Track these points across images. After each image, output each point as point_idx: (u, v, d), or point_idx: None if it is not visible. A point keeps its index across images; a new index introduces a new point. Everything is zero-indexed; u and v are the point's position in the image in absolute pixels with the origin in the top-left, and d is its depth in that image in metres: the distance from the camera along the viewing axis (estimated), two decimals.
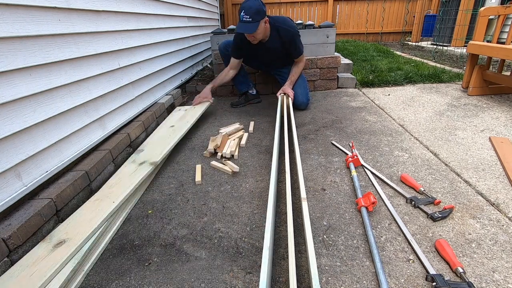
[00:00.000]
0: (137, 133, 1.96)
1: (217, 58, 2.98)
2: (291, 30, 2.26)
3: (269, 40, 2.31)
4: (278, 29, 2.26)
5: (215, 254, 1.08)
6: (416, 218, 1.19)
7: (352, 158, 1.58)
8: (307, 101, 2.52)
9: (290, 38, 2.27)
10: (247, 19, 2.04)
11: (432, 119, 2.18)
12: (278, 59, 2.52)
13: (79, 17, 1.50)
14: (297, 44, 2.33)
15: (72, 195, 1.32)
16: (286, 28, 2.26)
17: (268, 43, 2.32)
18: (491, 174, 1.46)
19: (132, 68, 2.03)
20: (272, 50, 2.36)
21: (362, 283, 0.92)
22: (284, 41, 2.29)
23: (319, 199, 1.34)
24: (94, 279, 1.01)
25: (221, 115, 2.57)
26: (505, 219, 1.16)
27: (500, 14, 2.60)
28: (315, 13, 6.88)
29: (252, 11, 2.02)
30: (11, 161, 1.10)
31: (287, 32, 2.26)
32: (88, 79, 1.55)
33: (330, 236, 1.12)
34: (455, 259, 0.95)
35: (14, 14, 1.13)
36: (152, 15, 2.39)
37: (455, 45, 4.91)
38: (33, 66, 1.20)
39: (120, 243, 1.16)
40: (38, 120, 1.21)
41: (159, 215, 1.31)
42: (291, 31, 2.26)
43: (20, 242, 1.04)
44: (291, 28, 2.27)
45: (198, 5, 3.91)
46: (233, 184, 1.52)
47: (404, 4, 6.77)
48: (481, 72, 2.61)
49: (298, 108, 2.53)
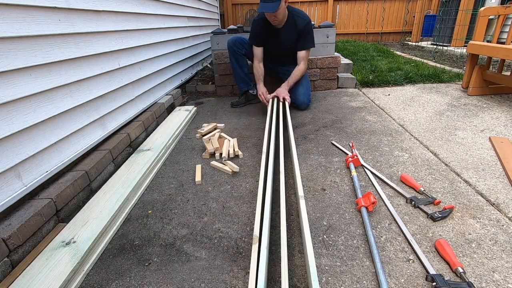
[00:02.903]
0: (137, 133, 1.96)
1: (217, 58, 2.98)
2: (306, 19, 2.33)
3: (284, 26, 2.34)
4: (294, 16, 2.32)
5: (215, 254, 1.08)
6: (416, 218, 1.19)
7: (352, 158, 1.58)
8: (308, 101, 2.52)
9: (304, 26, 2.31)
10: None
11: (432, 119, 2.18)
12: (288, 55, 2.52)
13: (79, 17, 1.50)
14: (310, 34, 2.37)
15: (72, 195, 1.32)
16: (302, 17, 2.34)
17: (283, 30, 2.36)
18: (491, 174, 1.46)
19: (132, 68, 2.03)
20: (286, 38, 2.38)
21: (362, 283, 0.92)
22: (298, 29, 2.33)
23: (319, 199, 1.34)
24: (94, 279, 1.01)
25: (221, 115, 2.57)
26: (505, 219, 1.16)
27: (500, 14, 2.60)
28: (315, 13, 6.88)
29: None
30: (11, 161, 1.10)
31: (303, 20, 2.32)
32: (88, 79, 1.55)
33: (330, 236, 1.12)
34: (455, 259, 0.95)
35: (14, 14, 1.13)
36: (152, 15, 2.39)
37: (455, 45, 4.91)
38: (33, 66, 1.20)
39: (120, 243, 1.16)
40: (38, 120, 1.21)
41: (159, 215, 1.31)
42: (307, 19, 2.34)
43: (20, 242, 1.04)
44: (307, 17, 2.35)
45: (198, 5, 3.91)
46: (233, 184, 1.52)
47: (404, 4, 6.77)
48: (481, 72, 2.61)
49: (299, 108, 2.54)
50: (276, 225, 1.19)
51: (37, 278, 0.93)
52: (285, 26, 2.34)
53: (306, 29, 2.33)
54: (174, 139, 2.01)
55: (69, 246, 1.05)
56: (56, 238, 1.10)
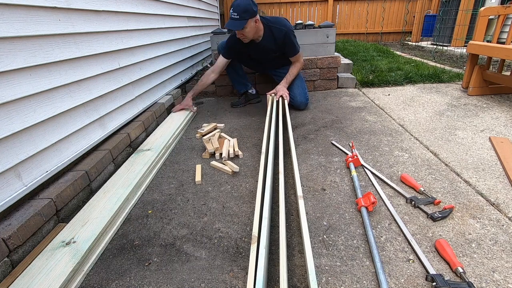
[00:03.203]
0: (137, 133, 1.96)
1: (217, 58, 2.97)
2: (283, 29, 2.28)
3: (262, 39, 2.33)
4: (271, 28, 2.29)
5: (215, 254, 1.08)
6: (416, 218, 1.19)
7: (352, 158, 1.58)
8: (306, 100, 2.52)
9: (283, 36, 2.28)
10: (235, 16, 2.09)
11: (432, 119, 2.18)
12: (274, 60, 2.52)
13: (79, 17, 1.50)
14: (292, 42, 2.33)
15: (72, 195, 1.33)
16: (279, 27, 2.28)
17: (261, 43, 2.34)
18: (491, 174, 1.46)
19: (132, 68, 2.03)
20: (266, 49, 2.38)
21: (362, 283, 0.92)
22: (277, 40, 2.31)
23: (319, 199, 1.34)
24: (94, 279, 1.01)
25: (221, 115, 2.57)
26: (505, 219, 1.16)
27: (500, 14, 2.60)
28: (315, 13, 6.88)
29: (239, 9, 2.06)
30: (11, 161, 1.10)
31: (280, 31, 2.28)
32: (88, 79, 1.55)
33: (330, 236, 1.12)
34: (455, 259, 0.95)
35: (14, 14, 1.13)
36: (152, 15, 2.39)
37: (455, 45, 4.92)
38: (33, 66, 1.20)
39: (120, 243, 1.16)
40: (38, 120, 1.21)
41: (159, 215, 1.31)
42: (284, 29, 2.28)
43: (20, 242, 1.04)
44: (284, 27, 2.29)
45: (198, 5, 3.91)
46: (233, 184, 1.52)
47: (404, 4, 6.77)
48: (481, 72, 2.61)
49: (298, 108, 2.53)
50: (276, 225, 1.19)
51: (37, 278, 0.93)
52: (264, 39, 2.32)
53: (285, 40, 2.29)
54: (174, 139, 2.02)
55: (69, 246, 1.05)
56: (56, 238, 1.10)
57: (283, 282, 0.78)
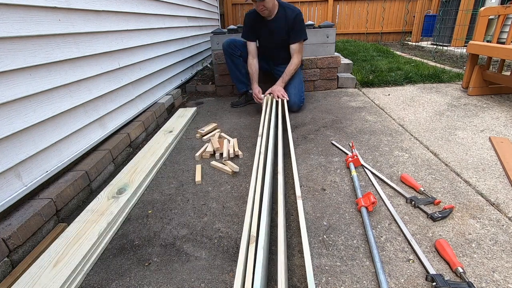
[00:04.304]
0: (137, 133, 1.96)
1: (217, 58, 2.98)
2: (296, 10, 2.37)
3: (274, 18, 2.37)
4: (285, 8, 2.37)
5: (215, 254, 1.08)
6: (416, 218, 1.19)
7: (352, 158, 1.58)
8: (300, 102, 2.44)
9: (294, 16, 2.34)
10: None
11: (432, 119, 2.18)
12: (280, 48, 2.52)
13: (79, 17, 1.50)
14: (301, 25, 2.38)
15: (72, 195, 1.33)
16: (292, 8, 2.38)
17: (273, 21, 2.38)
18: (491, 174, 1.46)
19: (132, 68, 2.03)
20: (277, 30, 2.40)
21: (362, 283, 0.92)
22: (288, 21, 2.35)
23: (319, 199, 1.34)
24: (94, 279, 1.01)
25: (221, 115, 2.57)
26: (505, 219, 1.16)
27: (500, 14, 2.60)
28: (315, 13, 6.88)
29: None
30: (11, 161, 1.10)
31: (293, 11, 2.36)
32: (88, 79, 1.55)
33: (330, 236, 1.12)
34: (455, 259, 0.95)
35: (14, 14, 1.13)
36: (152, 15, 2.39)
37: (455, 45, 4.91)
38: (33, 66, 1.20)
39: (120, 243, 1.16)
40: (38, 120, 1.22)
41: (159, 215, 1.31)
42: (297, 10, 2.37)
43: (20, 242, 1.04)
44: (296, 9, 2.38)
45: (198, 5, 3.91)
46: (233, 184, 1.52)
47: (404, 4, 6.77)
48: (481, 72, 2.61)
49: (290, 110, 2.39)
50: (276, 225, 1.19)
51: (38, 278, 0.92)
52: (276, 18, 2.38)
53: (296, 20, 2.35)
54: (174, 139, 2.01)
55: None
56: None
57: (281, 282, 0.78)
